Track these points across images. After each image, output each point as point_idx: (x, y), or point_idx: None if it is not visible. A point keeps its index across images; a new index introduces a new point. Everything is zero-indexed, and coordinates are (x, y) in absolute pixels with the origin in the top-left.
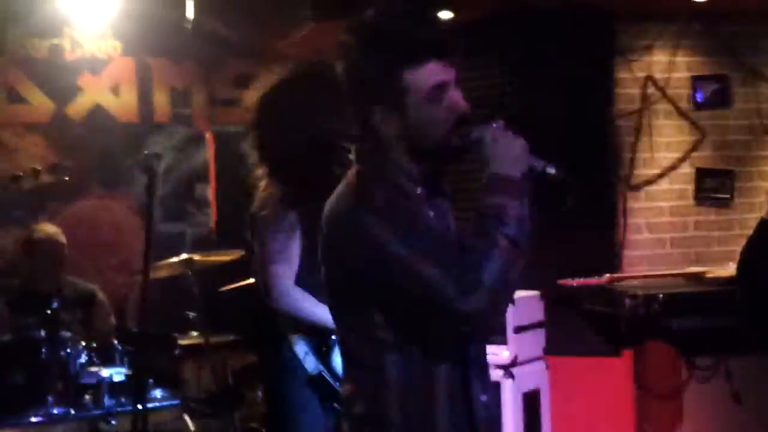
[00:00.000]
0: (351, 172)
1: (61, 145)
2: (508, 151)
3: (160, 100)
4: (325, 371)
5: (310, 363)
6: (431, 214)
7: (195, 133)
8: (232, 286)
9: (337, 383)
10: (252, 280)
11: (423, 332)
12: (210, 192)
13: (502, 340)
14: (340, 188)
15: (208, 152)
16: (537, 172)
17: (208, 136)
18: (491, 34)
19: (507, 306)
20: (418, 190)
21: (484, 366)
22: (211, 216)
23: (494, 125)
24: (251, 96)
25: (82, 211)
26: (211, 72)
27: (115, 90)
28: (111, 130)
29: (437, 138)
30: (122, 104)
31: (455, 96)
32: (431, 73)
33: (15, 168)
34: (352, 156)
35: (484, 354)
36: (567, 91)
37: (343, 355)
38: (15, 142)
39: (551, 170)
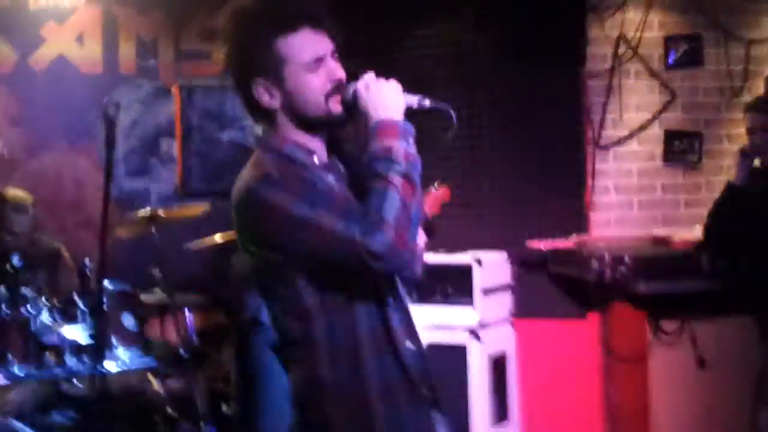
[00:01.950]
0: (253, 154)
1: (23, 96)
2: (383, 97)
3: (126, 52)
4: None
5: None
6: (330, 178)
7: (161, 86)
8: (197, 242)
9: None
10: (219, 239)
11: (342, 285)
12: (176, 148)
13: (469, 302)
14: (244, 170)
15: (175, 107)
16: (415, 109)
17: (174, 90)
18: None
19: (414, 242)
20: (316, 159)
21: (406, 315)
22: (177, 172)
23: (364, 77)
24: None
25: (44, 167)
26: (179, 24)
27: (79, 40)
28: (75, 82)
29: (318, 106)
30: (87, 55)
31: (331, 63)
32: (306, 42)
33: None
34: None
35: (405, 302)
36: (538, 49)
37: (277, 333)
38: None
39: (426, 102)
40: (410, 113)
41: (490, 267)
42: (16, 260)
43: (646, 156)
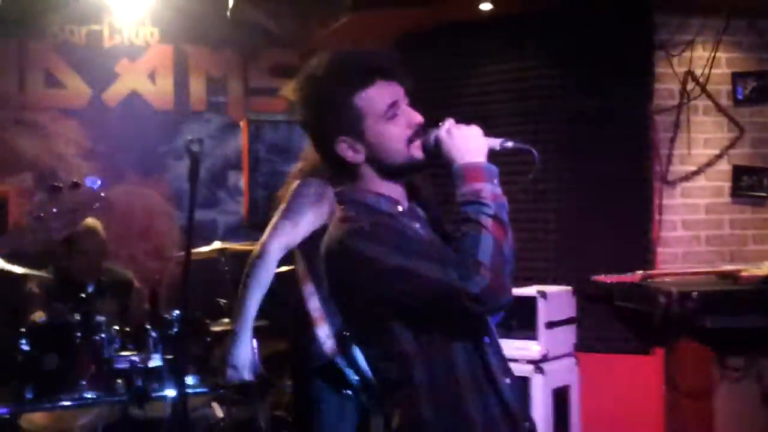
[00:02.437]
0: (337, 210)
1: (96, 130)
2: (466, 141)
3: (196, 88)
4: (342, 358)
5: (329, 348)
6: (416, 225)
7: (229, 121)
8: None
9: (353, 371)
10: (284, 268)
11: (442, 330)
12: (243, 180)
13: (533, 335)
14: (331, 226)
15: (242, 140)
16: (497, 150)
17: (242, 124)
18: (530, 27)
19: (510, 282)
20: (399, 208)
21: (499, 351)
22: (243, 204)
23: (446, 123)
24: (288, 86)
25: (116, 198)
26: (247, 61)
27: (151, 77)
28: (146, 117)
29: (400, 153)
30: (158, 91)
31: (408, 110)
32: (380, 93)
33: (50, 154)
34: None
35: (497, 339)
36: (607, 86)
37: (376, 379)
38: (52, 127)
39: (508, 144)
40: (492, 155)
41: (555, 300)
42: (90, 288)
43: (714, 192)
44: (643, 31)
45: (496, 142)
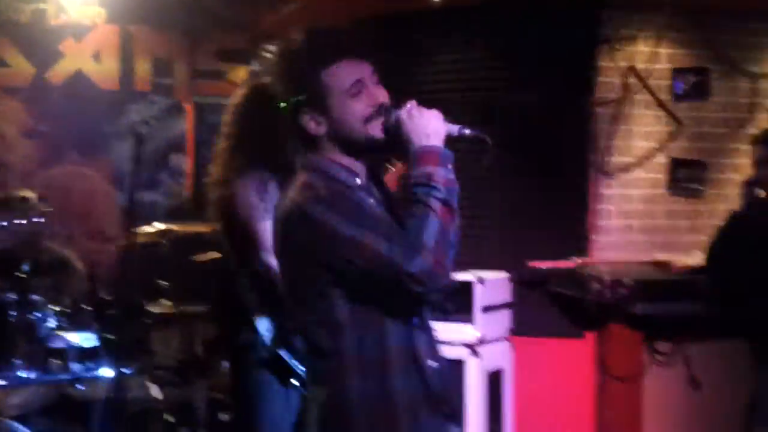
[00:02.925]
0: (299, 176)
1: (40, 110)
2: (425, 125)
3: (142, 69)
4: (285, 350)
5: (268, 341)
6: (371, 200)
7: (174, 103)
8: (204, 256)
9: (296, 362)
10: (217, 255)
11: (377, 304)
12: (186, 163)
13: (469, 319)
14: (290, 191)
15: (187, 123)
16: (455, 137)
17: (187, 107)
18: (478, 18)
19: (450, 266)
20: (357, 180)
21: (429, 334)
22: (186, 186)
23: (408, 105)
24: (235, 70)
25: (56, 177)
26: (194, 43)
27: (97, 57)
28: (91, 97)
29: (360, 131)
30: (104, 71)
31: (373, 90)
32: (346, 70)
33: None
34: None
35: (428, 322)
36: (550, 78)
37: (305, 347)
38: None
39: (466, 131)
40: (449, 141)
41: (492, 286)
42: (25, 267)
43: (651, 183)
44: (588, 24)
45: (454, 129)
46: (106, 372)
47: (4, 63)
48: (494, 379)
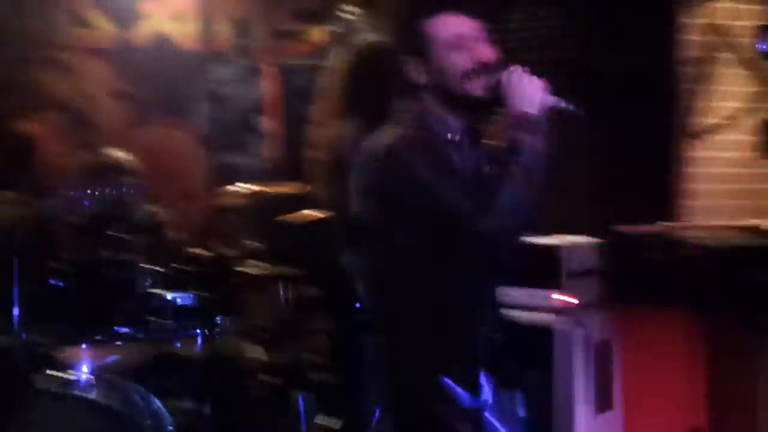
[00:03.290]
0: (393, 120)
1: (124, 70)
2: (524, 91)
3: (221, 31)
4: None
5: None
6: (457, 158)
7: (254, 64)
8: (297, 215)
9: None
10: (315, 215)
11: (442, 257)
12: (269, 124)
13: (556, 285)
14: (381, 133)
15: (266, 84)
16: (552, 108)
17: (267, 68)
18: None
19: (519, 233)
20: (449, 135)
21: (493, 302)
22: (270, 147)
23: (511, 68)
24: (313, 31)
25: (145, 138)
26: (272, 4)
27: (177, 18)
28: (173, 58)
29: (458, 84)
30: (184, 32)
31: (477, 46)
32: (449, 22)
33: (80, 94)
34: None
35: (494, 292)
36: (630, 37)
37: (367, 286)
38: (80, 67)
39: (562, 104)
40: (546, 111)
41: (579, 251)
42: (122, 227)
43: (740, 145)
44: None
45: (554, 100)
46: (202, 330)
47: (86, 24)
48: (589, 347)
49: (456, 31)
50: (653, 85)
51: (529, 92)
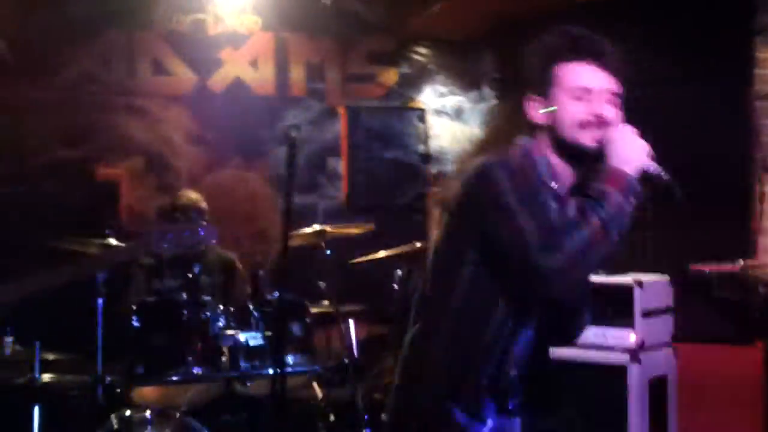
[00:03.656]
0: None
1: (202, 116)
2: (627, 149)
3: (296, 75)
4: None
5: None
6: (553, 205)
7: (328, 107)
8: (363, 259)
9: None
10: (381, 254)
11: (498, 283)
12: (342, 165)
13: (629, 324)
14: (493, 154)
15: (341, 126)
16: (651, 175)
17: (341, 110)
18: (624, 13)
19: (581, 283)
20: (553, 184)
21: (533, 348)
22: (342, 189)
23: (621, 126)
24: (384, 73)
25: (220, 181)
26: (345, 48)
27: (254, 64)
28: (249, 103)
29: (571, 132)
30: (260, 78)
31: (600, 102)
32: (580, 72)
33: (159, 139)
34: None
35: (536, 336)
36: (707, 71)
37: (420, 293)
38: (159, 113)
39: (662, 174)
40: (643, 177)
41: (652, 289)
42: (197, 268)
43: None
44: (743, 14)
45: (653, 167)
46: (272, 370)
47: (168, 72)
48: (657, 386)
49: (583, 83)
50: (729, 118)
51: (631, 152)
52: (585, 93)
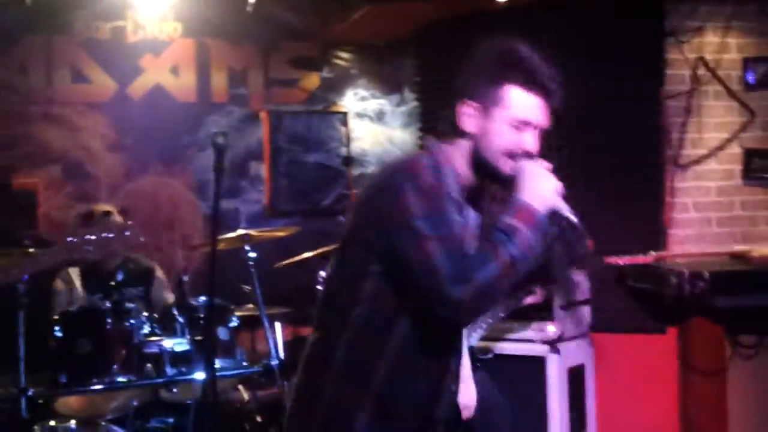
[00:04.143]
0: (415, 150)
1: (122, 123)
2: (539, 186)
3: (218, 81)
4: None
5: None
6: (459, 219)
7: (251, 112)
8: (286, 262)
9: None
10: (303, 256)
11: (400, 300)
12: (264, 170)
13: (549, 317)
14: (399, 158)
15: (263, 131)
16: (558, 215)
17: (263, 115)
18: (543, 16)
19: (485, 312)
20: (458, 193)
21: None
22: (265, 193)
23: (536, 161)
24: (307, 78)
25: (142, 188)
26: (267, 54)
27: (175, 70)
28: (170, 110)
29: (495, 155)
30: (181, 84)
31: (531, 137)
32: (529, 105)
33: (78, 147)
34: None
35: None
36: (618, 72)
37: (322, 299)
38: (79, 120)
39: (571, 217)
40: (552, 216)
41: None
42: (119, 277)
43: (726, 174)
44: (653, 17)
45: (562, 207)
46: (198, 375)
47: (87, 79)
48: (576, 376)
49: (526, 116)
50: (641, 117)
51: (545, 189)
52: (523, 125)
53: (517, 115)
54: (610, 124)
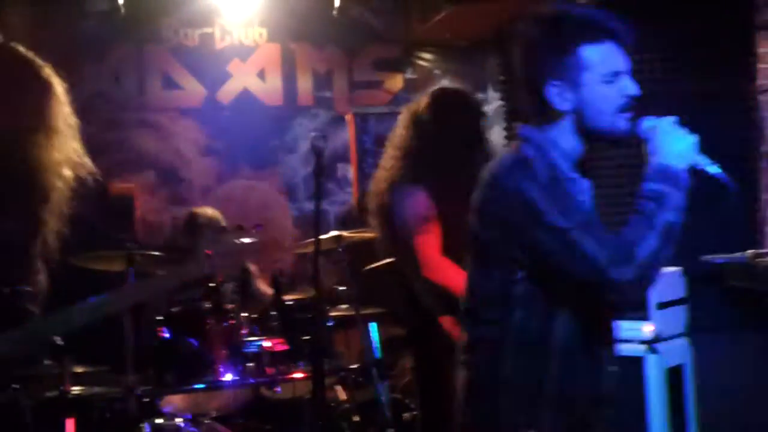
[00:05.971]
0: (515, 143)
1: (212, 128)
2: (676, 145)
3: (304, 84)
4: None
5: None
6: (584, 199)
7: (336, 115)
8: (378, 264)
9: None
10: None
11: (559, 295)
12: (351, 172)
13: (644, 316)
14: (503, 157)
15: (349, 133)
16: (700, 169)
17: (348, 117)
18: (631, 11)
19: (652, 285)
20: (573, 174)
21: (611, 337)
22: (353, 194)
23: (667, 119)
24: (391, 79)
25: (232, 191)
26: (351, 56)
27: (261, 75)
28: (258, 114)
29: (607, 118)
30: (268, 88)
31: (626, 80)
32: (609, 54)
33: (170, 152)
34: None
35: (612, 328)
36: (709, 68)
37: (468, 308)
38: (170, 126)
39: (711, 169)
40: (692, 172)
41: (665, 281)
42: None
43: None
44: (743, 10)
45: (703, 161)
46: (298, 374)
47: (177, 86)
48: (674, 376)
49: (615, 66)
50: (733, 113)
51: (682, 147)
52: (614, 75)
53: (603, 70)
54: (701, 120)
